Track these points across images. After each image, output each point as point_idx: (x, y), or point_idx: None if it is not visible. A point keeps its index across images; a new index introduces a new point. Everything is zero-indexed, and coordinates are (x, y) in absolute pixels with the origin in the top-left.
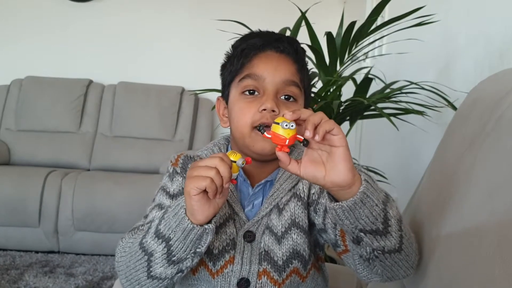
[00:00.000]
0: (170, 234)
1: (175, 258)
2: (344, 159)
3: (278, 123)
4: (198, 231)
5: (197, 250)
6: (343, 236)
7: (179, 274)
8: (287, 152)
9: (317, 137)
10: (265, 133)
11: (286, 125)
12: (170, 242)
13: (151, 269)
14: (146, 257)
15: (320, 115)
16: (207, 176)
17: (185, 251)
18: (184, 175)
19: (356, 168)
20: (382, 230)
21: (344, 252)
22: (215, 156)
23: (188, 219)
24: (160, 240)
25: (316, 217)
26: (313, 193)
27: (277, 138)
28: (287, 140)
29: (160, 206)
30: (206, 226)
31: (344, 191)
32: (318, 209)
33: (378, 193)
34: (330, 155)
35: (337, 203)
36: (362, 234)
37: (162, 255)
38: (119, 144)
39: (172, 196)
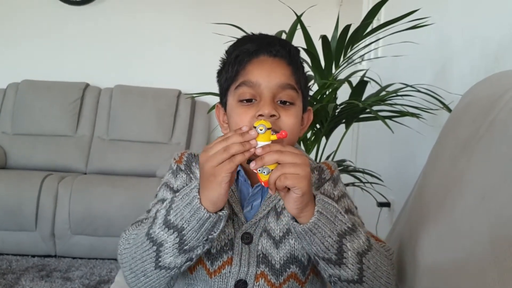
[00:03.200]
0: (183, 224)
1: (187, 247)
2: (294, 202)
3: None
4: (214, 219)
5: (209, 236)
6: None
7: (188, 263)
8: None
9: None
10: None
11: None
12: (183, 232)
13: (160, 259)
14: (154, 247)
15: (292, 169)
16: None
17: (198, 239)
18: (188, 172)
19: (316, 196)
20: (335, 261)
21: None
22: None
23: (204, 208)
24: (172, 230)
25: None
26: None
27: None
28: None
29: (163, 201)
30: (220, 213)
31: (298, 217)
32: None
33: (335, 225)
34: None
35: (294, 223)
36: (317, 258)
37: (173, 244)
38: (116, 147)
39: (176, 192)
